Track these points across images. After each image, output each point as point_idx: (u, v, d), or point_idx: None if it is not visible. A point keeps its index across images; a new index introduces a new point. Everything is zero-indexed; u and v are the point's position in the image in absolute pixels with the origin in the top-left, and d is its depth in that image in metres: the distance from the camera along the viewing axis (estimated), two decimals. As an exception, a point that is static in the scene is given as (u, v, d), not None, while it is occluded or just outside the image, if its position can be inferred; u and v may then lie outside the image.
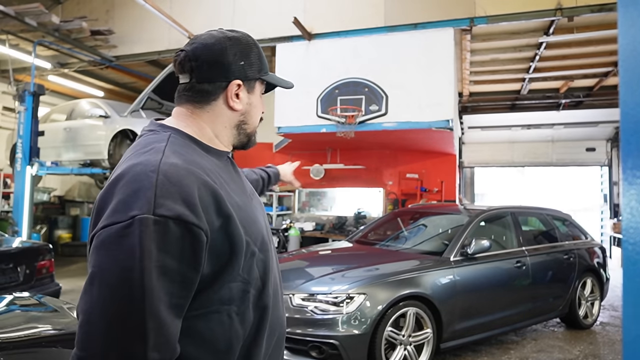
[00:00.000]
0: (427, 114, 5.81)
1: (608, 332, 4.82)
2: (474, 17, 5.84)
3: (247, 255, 0.90)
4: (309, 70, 6.47)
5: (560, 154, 11.57)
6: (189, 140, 0.95)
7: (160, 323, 0.74)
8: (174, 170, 0.80)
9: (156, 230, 0.74)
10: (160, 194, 0.77)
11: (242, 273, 0.89)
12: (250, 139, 1.07)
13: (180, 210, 0.77)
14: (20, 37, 7.12)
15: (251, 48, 1.02)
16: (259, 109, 1.06)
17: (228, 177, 0.97)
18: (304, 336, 3.06)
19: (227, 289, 0.87)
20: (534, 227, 5.16)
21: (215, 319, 0.86)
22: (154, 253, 0.74)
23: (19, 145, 6.68)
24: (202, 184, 0.83)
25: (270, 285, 0.99)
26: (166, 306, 0.75)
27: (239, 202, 0.93)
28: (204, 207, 0.81)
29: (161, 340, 0.74)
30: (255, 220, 0.96)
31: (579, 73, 7.87)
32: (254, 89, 1.03)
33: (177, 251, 0.76)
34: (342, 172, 8.62)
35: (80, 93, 9.48)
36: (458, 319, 3.58)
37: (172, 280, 0.76)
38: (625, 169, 0.43)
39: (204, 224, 0.80)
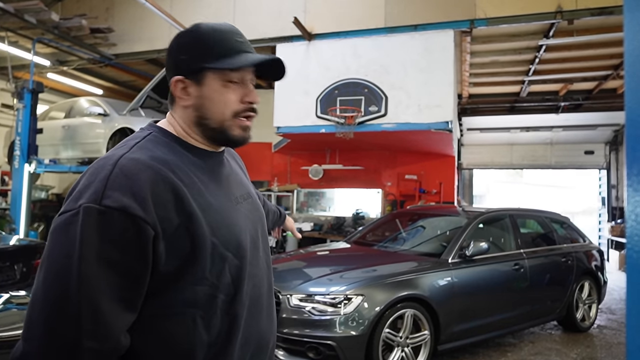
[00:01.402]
0: (427, 115, 5.80)
1: (605, 335, 4.82)
2: (474, 19, 5.84)
3: (214, 258, 0.86)
4: (308, 70, 6.46)
5: (558, 156, 11.58)
6: (170, 139, 0.94)
7: (98, 312, 0.74)
8: (131, 165, 0.81)
9: (99, 220, 0.75)
10: (110, 186, 0.78)
11: (210, 277, 0.86)
12: (223, 134, 0.95)
13: (126, 203, 0.77)
14: (20, 35, 7.09)
15: (198, 39, 0.93)
16: (219, 101, 0.93)
17: (208, 177, 0.94)
18: (302, 337, 3.05)
19: (191, 291, 0.85)
20: (532, 230, 5.16)
21: (178, 321, 0.85)
22: (94, 242, 0.75)
23: (17, 142, 6.65)
24: (161, 179, 0.82)
25: (245, 293, 0.94)
26: (108, 296, 0.76)
27: (213, 203, 0.90)
28: (159, 202, 0.80)
29: (99, 329, 0.75)
30: (231, 225, 0.92)
31: (578, 76, 7.87)
32: (203, 81, 0.92)
33: (120, 242, 0.76)
34: (341, 173, 8.61)
35: (79, 91, 9.44)
36: (455, 321, 3.57)
37: (115, 271, 0.77)
38: (630, 175, 0.42)
39: (152, 219, 0.78)
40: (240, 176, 1.09)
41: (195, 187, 0.88)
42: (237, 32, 0.97)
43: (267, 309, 1.04)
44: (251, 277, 0.97)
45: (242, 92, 0.96)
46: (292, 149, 8.33)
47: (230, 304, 0.91)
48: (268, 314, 1.04)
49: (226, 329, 0.90)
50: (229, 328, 0.91)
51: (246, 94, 0.96)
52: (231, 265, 0.91)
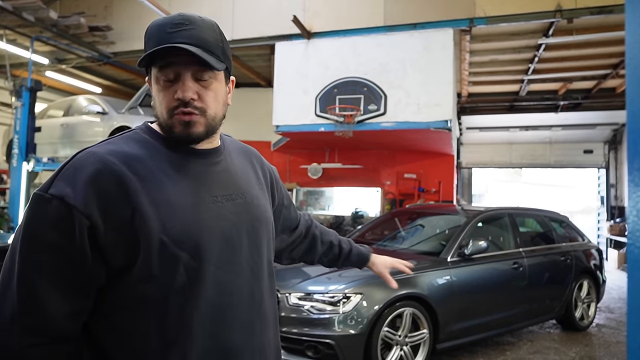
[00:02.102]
0: (426, 114, 5.80)
1: (604, 334, 4.83)
2: (473, 17, 5.83)
3: (163, 256, 0.84)
4: (308, 69, 6.45)
5: (558, 155, 11.59)
6: (151, 136, 0.94)
7: (32, 291, 0.80)
8: (84, 158, 0.85)
9: (42, 207, 0.81)
10: (60, 176, 0.83)
11: (159, 275, 0.84)
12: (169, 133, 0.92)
13: (65, 192, 0.81)
14: (18, 32, 7.07)
15: (144, 38, 0.93)
16: (158, 100, 0.91)
17: (180, 174, 0.91)
18: (300, 336, 3.04)
19: (141, 287, 0.84)
20: (531, 229, 5.16)
21: (131, 316, 0.85)
22: (35, 225, 0.81)
23: (15, 141, 6.64)
24: (107, 172, 0.83)
25: (205, 299, 0.88)
26: (45, 277, 0.80)
27: (173, 199, 0.87)
28: (100, 194, 0.82)
29: (33, 307, 0.80)
30: (190, 223, 0.87)
31: (577, 75, 7.88)
32: (151, 80, 0.93)
33: (58, 228, 0.80)
34: (340, 172, 8.61)
35: (77, 89, 9.42)
36: (454, 320, 3.57)
37: (54, 254, 0.81)
38: (631, 170, 0.41)
39: (87, 209, 0.80)
40: (238, 177, 1.02)
41: (154, 182, 0.87)
42: (175, 22, 0.89)
43: (247, 321, 0.94)
44: (219, 282, 0.90)
45: (176, 88, 0.90)
46: (291, 148, 8.32)
47: (184, 309, 0.86)
48: (247, 326, 0.94)
49: (180, 335, 0.86)
50: (183, 334, 0.86)
51: (177, 89, 0.89)
52: (187, 266, 0.86)
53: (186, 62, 0.89)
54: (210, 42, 0.91)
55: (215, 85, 0.94)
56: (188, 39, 0.88)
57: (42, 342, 0.80)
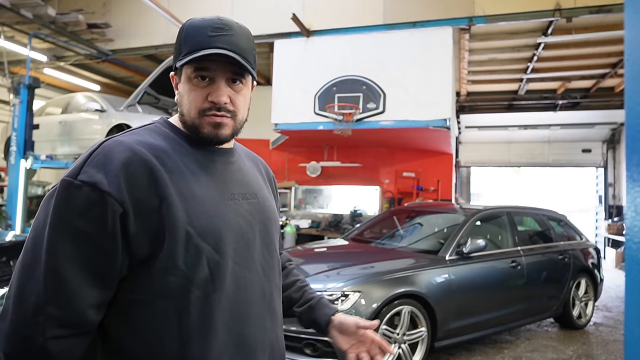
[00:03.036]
0: (425, 112, 5.80)
1: (601, 332, 4.84)
2: (472, 16, 5.82)
3: (188, 248, 0.84)
4: (307, 67, 6.44)
5: (556, 154, 11.60)
6: (170, 130, 0.96)
7: (61, 280, 0.78)
8: (113, 146, 0.85)
9: (72, 193, 0.80)
10: (89, 163, 0.82)
11: (183, 267, 0.84)
12: (195, 132, 0.94)
13: (98, 178, 0.80)
14: (16, 29, 7.04)
15: (179, 35, 0.95)
16: (188, 99, 0.93)
17: (201, 169, 0.93)
18: (299, 333, 3.05)
19: (163, 280, 0.83)
20: (530, 227, 5.17)
21: (149, 311, 0.84)
22: (64, 212, 0.79)
23: (13, 138, 6.62)
24: (137, 160, 0.84)
25: (226, 294, 0.89)
26: (73, 266, 0.79)
27: (197, 192, 0.88)
28: (132, 182, 0.82)
29: (62, 297, 0.78)
30: (214, 217, 0.89)
31: (576, 74, 7.88)
32: (181, 77, 0.95)
33: (89, 215, 0.79)
34: (339, 170, 8.61)
35: (76, 87, 9.40)
36: (453, 318, 3.58)
37: (83, 242, 0.79)
38: (629, 165, 0.41)
39: (121, 196, 0.80)
40: (250, 178, 1.04)
41: (180, 174, 0.88)
42: (216, 25, 0.91)
43: (259, 317, 0.95)
44: (236, 277, 0.91)
45: (210, 90, 0.92)
46: (290, 146, 8.32)
47: (207, 302, 0.86)
48: (260, 322, 0.95)
49: (202, 328, 0.85)
50: (204, 328, 0.86)
51: (212, 92, 0.92)
52: (210, 260, 0.87)
53: (223, 67, 0.92)
54: (245, 50, 0.94)
55: (245, 90, 0.98)
56: (228, 44, 0.91)
57: (66, 335, 0.79)
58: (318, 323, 1.19)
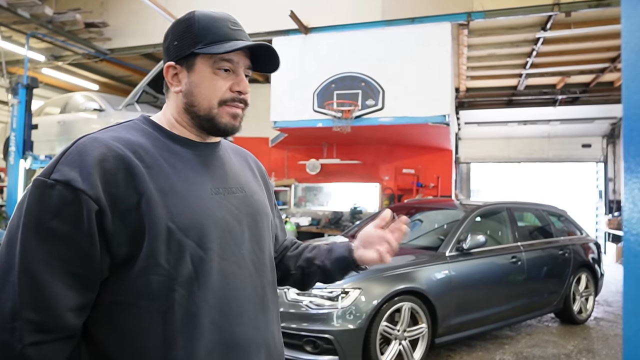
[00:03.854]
0: (424, 109, 5.78)
1: (602, 327, 4.84)
2: (471, 11, 5.80)
3: (170, 244, 0.81)
4: (305, 64, 6.42)
5: (556, 150, 11.59)
6: (150, 127, 0.95)
7: (36, 283, 0.75)
8: (87, 143, 0.83)
9: (45, 192, 0.77)
10: (63, 161, 0.80)
11: (166, 265, 0.81)
12: (210, 122, 0.93)
13: (71, 176, 0.78)
14: (13, 29, 7.02)
15: (188, 25, 0.94)
16: (207, 88, 0.92)
17: (183, 164, 0.90)
18: (299, 331, 3.05)
19: (145, 279, 0.81)
20: (530, 223, 5.17)
21: (132, 313, 0.82)
22: (37, 213, 0.77)
23: (12, 138, 6.61)
24: (115, 156, 0.81)
25: (212, 291, 0.85)
26: (50, 268, 0.76)
27: (178, 187, 0.86)
28: (108, 178, 0.79)
29: (38, 301, 0.75)
30: (197, 211, 0.86)
31: (575, 69, 7.86)
32: (194, 67, 0.92)
33: (63, 214, 0.77)
34: (339, 167, 8.60)
35: (74, 86, 9.38)
36: (453, 314, 3.58)
37: (59, 243, 0.77)
38: (627, 156, 0.41)
39: (95, 193, 0.77)
40: (237, 171, 1.02)
41: (159, 170, 0.85)
42: (232, 20, 0.96)
43: (251, 315, 0.92)
44: (224, 274, 0.88)
45: (232, 81, 0.93)
46: (289, 144, 8.30)
47: (192, 301, 0.83)
48: (252, 320, 0.92)
49: (187, 328, 0.83)
50: (190, 327, 0.83)
51: (236, 82, 0.93)
52: (193, 256, 0.84)
53: (243, 60, 0.95)
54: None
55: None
56: (247, 39, 0.96)
57: (46, 340, 0.76)
58: (342, 256, 1.10)
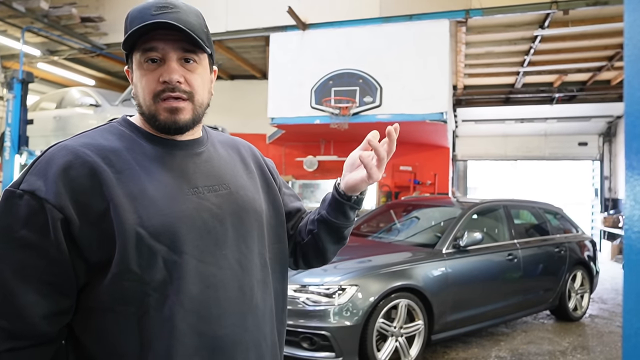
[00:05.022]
0: (422, 106, 5.78)
1: (597, 324, 4.88)
2: (469, 9, 5.80)
3: (141, 250, 0.80)
4: (303, 60, 6.40)
5: (552, 148, 11.63)
6: (128, 128, 0.92)
7: (7, 292, 0.76)
8: (56, 151, 0.82)
9: (14, 203, 0.78)
10: (32, 171, 0.81)
11: (137, 270, 0.80)
12: (152, 121, 0.88)
13: (37, 185, 0.78)
14: (8, 23, 6.96)
15: (125, 25, 0.88)
16: (141, 84, 0.87)
17: (157, 166, 0.87)
18: (296, 327, 3.05)
19: (119, 285, 0.80)
20: (526, 221, 5.19)
21: (110, 317, 0.81)
22: (7, 223, 0.78)
23: (7, 133, 6.56)
24: (81, 163, 0.80)
25: (188, 295, 0.83)
26: (21, 277, 0.77)
27: (149, 190, 0.83)
28: (73, 186, 0.79)
29: (10, 310, 0.76)
30: (169, 214, 0.83)
31: (573, 67, 7.88)
32: (132, 66, 0.89)
33: (31, 224, 0.77)
34: (336, 164, 8.59)
35: (70, 81, 9.32)
36: (449, 311, 3.59)
37: (29, 252, 0.77)
38: (629, 153, 0.40)
39: (60, 202, 0.77)
40: (222, 168, 0.97)
41: (130, 173, 0.83)
42: (160, 5, 0.86)
43: (237, 316, 0.89)
44: (203, 277, 0.85)
45: (161, 71, 0.86)
46: (286, 140, 8.29)
47: (167, 305, 0.81)
48: (238, 321, 0.89)
49: (163, 333, 0.81)
50: (166, 332, 0.81)
51: (162, 72, 0.85)
52: (166, 260, 0.81)
53: (172, 44, 0.86)
54: (195, 27, 0.87)
55: (201, 70, 0.91)
56: (174, 20, 0.84)
57: (21, 346, 0.77)
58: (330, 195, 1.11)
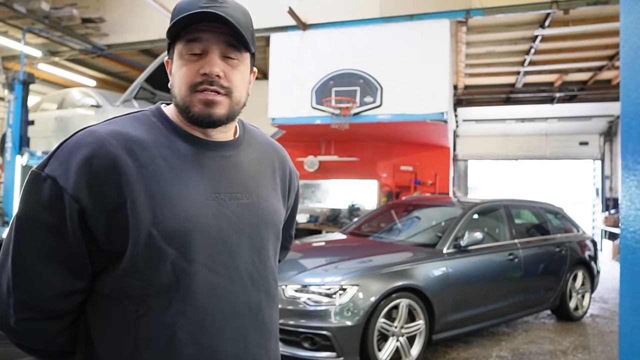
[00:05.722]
0: (422, 106, 5.78)
1: (598, 324, 4.87)
2: (470, 8, 5.80)
3: (150, 250, 0.79)
4: (303, 61, 6.41)
5: (553, 147, 11.62)
6: (160, 120, 0.89)
7: (25, 268, 0.79)
8: (82, 137, 0.82)
9: (38, 185, 0.79)
10: (56, 155, 0.81)
11: (144, 270, 0.79)
12: (186, 112, 0.86)
13: (58, 172, 0.79)
14: (9, 24, 6.98)
15: (172, 16, 0.87)
16: (179, 75, 0.86)
17: (185, 166, 0.85)
18: (297, 327, 3.05)
19: (126, 281, 0.80)
20: (527, 220, 5.19)
21: (116, 308, 0.82)
22: (29, 203, 0.80)
23: (8, 134, 6.58)
24: (104, 154, 0.79)
25: (194, 306, 0.81)
26: (38, 255, 0.79)
27: (170, 191, 0.81)
28: (94, 178, 0.78)
29: (26, 284, 0.80)
30: (186, 220, 0.81)
31: (573, 67, 7.87)
32: (173, 57, 0.89)
33: (50, 208, 0.78)
34: (336, 164, 8.59)
35: (71, 82, 9.34)
36: (450, 311, 3.59)
37: (49, 233, 0.79)
38: (625, 154, 0.41)
39: (77, 192, 0.77)
40: (249, 175, 0.93)
41: (153, 170, 0.81)
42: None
43: (240, 331, 0.86)
44: (212, 287, 0.82)
45: (202, 63, 0.84)
46: (287, 140, 8.29)
47: (168, 311, 0.79)
48: (240, 337, 0.86)
49: (161, 339, 0.80)
50: (164, 338, 0.80)
51: (203, 64, 0.83)
52: (176, 266, 0.80)
53: (216, 38, 0.84)
54: (242, 24, 0.85)
55: (242, 68, 0.89)
56: (223, 14, 0.82)
57: (35, 317, 0.82)
58: None
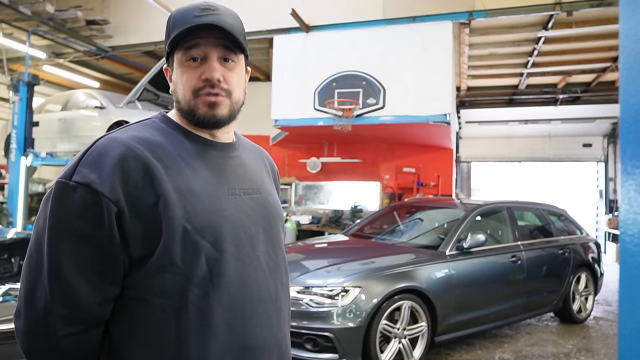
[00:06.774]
0: (425, 107, 5.78)
1: (601, 326, 4.85)
2: (472, 10, 5.80)
3: (186, 245, 0.83)
4: (306, 62, 6.42)
5: (556, 149, 11.58)
6: (168, 125, 0.95)
7: (65, 282, 0.79)
8: (107, 143, 0.84)
9: (67, 195, 0.79)
10: (83, 163, 0.82)
11: (182, 265, 0.82)
12: (191, 115, 0.92)
13: (91, 178, 0.79)
14: (14, 26, 7.03)
15: (167, 23, 0.93)
16: (182, 82, 0.92)
17: (200, 164, 0.91)
18: (299, 329, 3.06)
19: (161, 278, 0.82)
20: (530, 222, 5.18)
21: (148, 308, 0.83)
22: (61, 214, 0.79)
23: (13, 135, 6.62)
24: (132, 157, 0.82)
25: (227, 292, 0.86)
26: (77, 268, 0.79)
27: (196, 187, 0.87)
28: (127, 179, 0.81)
29: (68, 299, 0.79)
30: (213, 212, 0.87)
31: (576, 68, 7.85)
32: (173, 64, 0.95)
33: (85, 216, 0.79)
34: (339, 166, 8.60)
35: (75, 84, 9.39)
36: (453, 313, 3.59)
37: (82, 243, 0.79)
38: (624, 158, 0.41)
39: (115, 195, 0.79)
40: (253, 172, 1.02)
41: (177, 169, 0.86)
42: (203, 6, 0.90)
43: (265, 316, 0.93)
44: (240, 275, 0.89)
45: (202, 69, 0.91)
46: (290, 142, 8.31)
47: (206, 301, 0.84)
48: (266, 322, 0.93)
49: (201, 328, 0.84)
50: (203, 327, 0.84)
51: (204, 70, 0.90)
52: (209, 257, 0.85)
53: (213, 43, 0.90)
54: (235, 28, 0.92)
55: (238, 69, 0.96)
56: (216, 22, 0.89)
57: (78, 331, 0.81)
58: None
